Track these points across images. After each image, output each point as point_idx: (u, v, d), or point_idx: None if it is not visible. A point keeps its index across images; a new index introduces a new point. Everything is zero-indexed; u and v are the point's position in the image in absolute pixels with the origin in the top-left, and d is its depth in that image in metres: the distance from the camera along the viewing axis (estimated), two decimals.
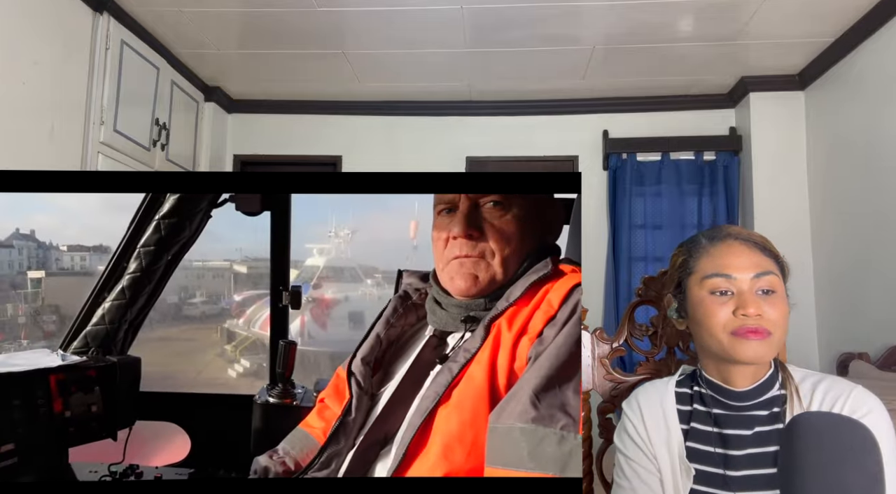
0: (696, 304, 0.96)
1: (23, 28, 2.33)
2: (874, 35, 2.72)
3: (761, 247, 0.97)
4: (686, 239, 1.05)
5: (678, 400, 1.01)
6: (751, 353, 0.90)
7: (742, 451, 0.93)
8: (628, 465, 1.01)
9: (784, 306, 0.93)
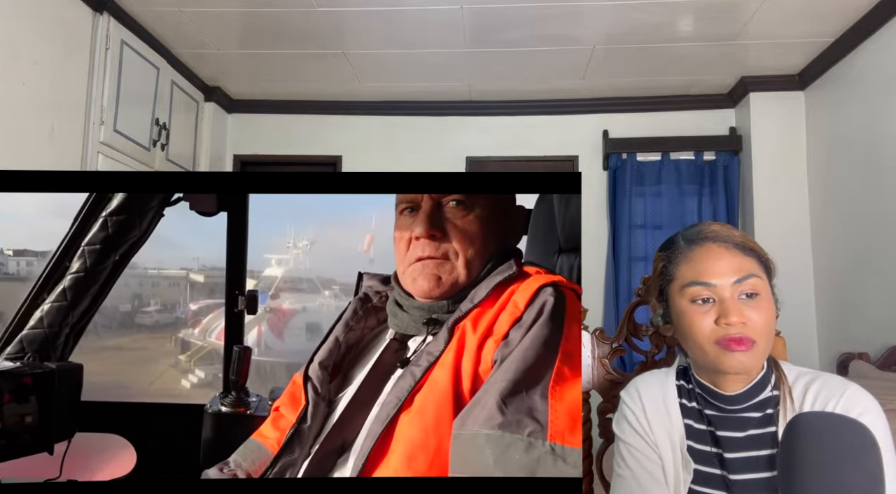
0: (679, 314, 0.93)
1: (23, 28, 2.33)
2: (874, 35, 2.72)
3: (741, 247, 0.93)
4: (666, 240, 1.02)
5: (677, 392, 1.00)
6: (736, 365, 0.88)
7: (735, 454, 0.92)
8: (630, 454, 0.98)
9: (769, 309, 0.90)
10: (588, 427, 1.33)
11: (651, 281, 1.02)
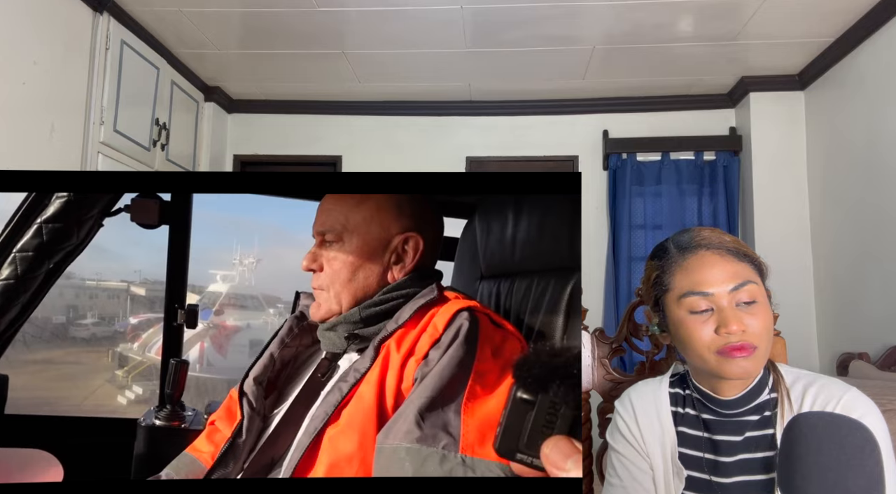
0: (677, 325, 0.93)
1: (23, 28, 2.33)
2: (874, 35, 2.72)
3: (735, 252, 0.92)
4: (656, 245, 1.01)
5: (671, 401, 1.00)
6: (738, 371, 0.88)
7: (733, 457, 0.92)
8: (620, 463, 1.00)
9: (767, 314, 0.90)
10: (588, 427, 1.33)
11: (645, 290, 1.01)
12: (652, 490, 0.96)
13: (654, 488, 0.96)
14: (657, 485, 0.96)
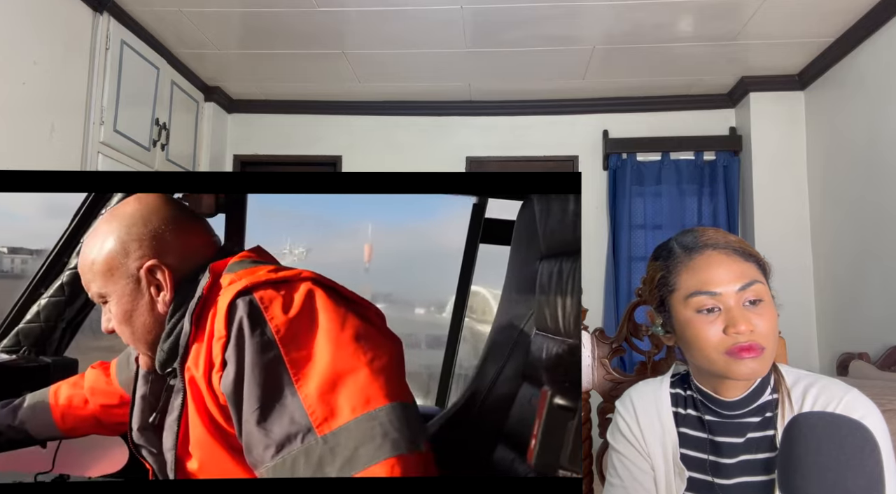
0: (684, 325, 0.92)
1: (23, 28, 2.33)
2: (874, 35, 2.72)
3: (741, 252, 0.92)
4: (659, 245, 1.00)
5: (672, 401, 0.99)
6: (747, 372, 0.88)
7: (734, 459, 0.92)
8: (621, 463, 0.99)
9: (773, 313, 0.90)
10: (588, 428, 1.33)
11: (648, 291, 1.00)
12: (652, 491, 0.96)
13: (654, 488, 0.96)
14: (658, 486, 0.96)
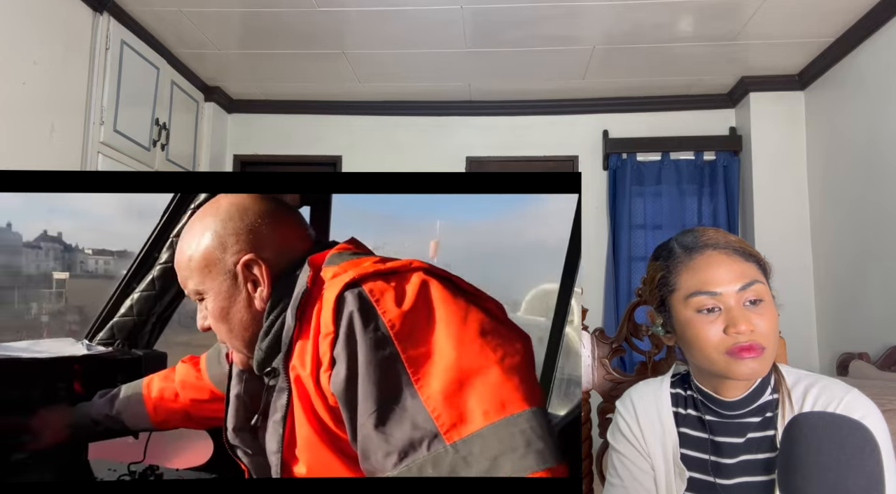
0: (684, 325, 0.92)
1: (23, 28, 2.32)
2: (874, 35, 2.72)
3: (741, 252, 0.92)
4: (659, 245, 1.00)
5: (672, 401, 0.99)
6: (747, 372, 0.88)
7: (734, 459, 0.92)
8: (621, 463, 0.99)
9: (773, 313, 0.90)
10: (588, 428, 1.33)
11: (649, 291, 1.00)
12: (653, 491, 0.96)
13: (654, 488, 0.96)
14: (658, 486, 0.96)
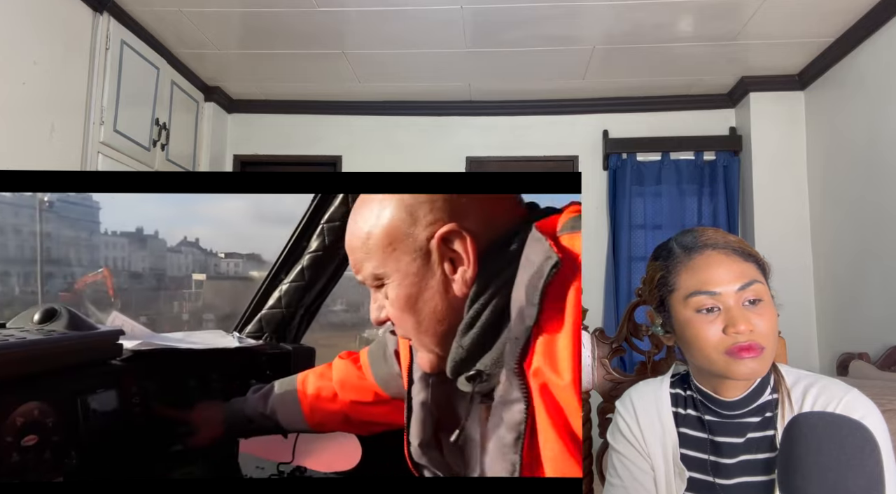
0: (683, 325, 0.92)
1: (23, 28, 2.32)
2: (874, 35, 2.72)
3: (740, 252, 0.92)
4: (658, 245, 1.01)
5: (672, 401, 0.99)
6: (747, 371, 0.88)
7: (734, 459, 0.92)
8: (621, 463, 0.99)
9: (772, 313, 0.90)
10: (588, 428, 1.33)
11: (648, 291, 1.00)
12: (653, 491, 0.96)
13: (654, 488, 0.96)
14: (658, 486, 0.96)
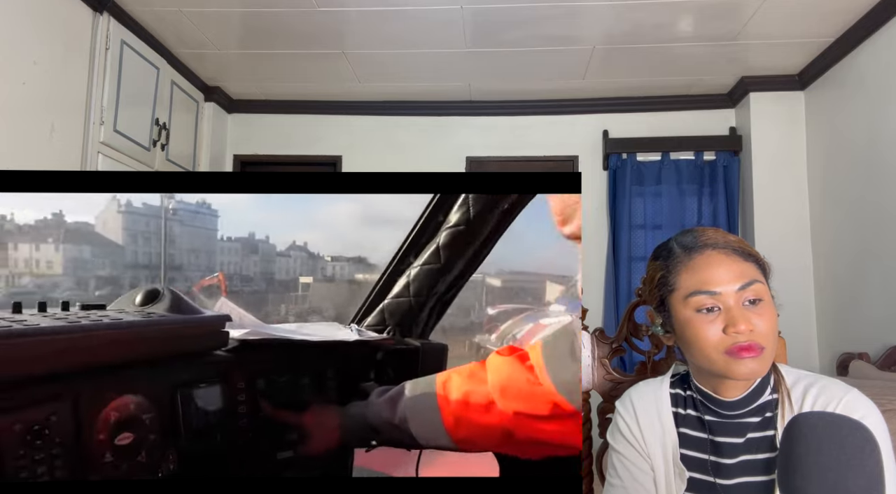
0: (683, 324, 0.92)
1: (23, 28, 2.32)
2: (874, 35, 2.72)
3: (741, 252, 0.92)
4: (658, 245, 1.01)
5: (672, 401, 0.99)
6: (746, 371, 0.88)
7: (734, 459, 0.92)
8: (621, 463, 0.99)
9: (772, 313, 0.90)
10: (588, 428, 1.33)
11: (648, 290, 1.00)
12: (653, 491, 0.96)
13: (654, 488, 0.96)
14: (658, 486, 0.96)
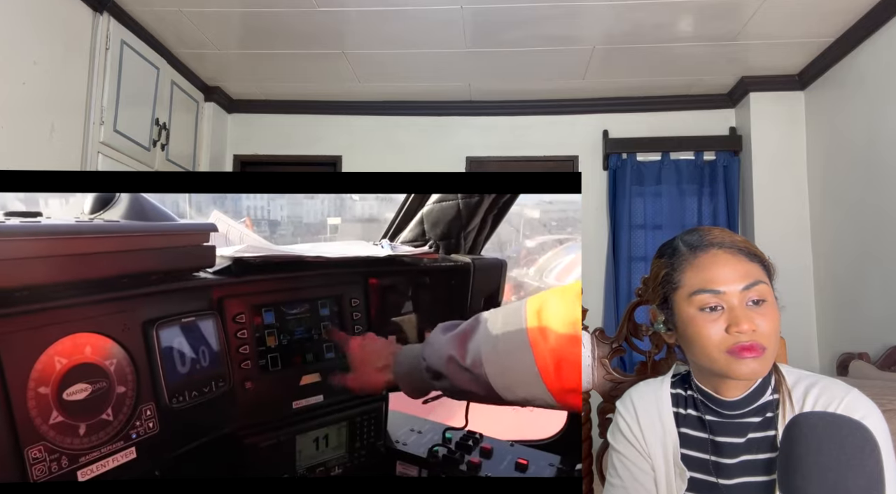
0: (686, 322, 0.92)
1: (23, 28, 2.32)
2: (874, 35, 2.72)
3: (746, 252, 0.92)
4: (664, 243, 1.01)
5: (672, 401, 0.99)
6: (747, 371, 0.88)
7: (735, 459, 0.92)
8: (621, 463, 0.99)
9: (775, 314, 0.90)
10: (588, 428, 1.33)
11: (652, 288, 1.00)
12: (653, 491, 0.96)
13: (655, 488, 0.96)
14: (658, 486, 0.96)
